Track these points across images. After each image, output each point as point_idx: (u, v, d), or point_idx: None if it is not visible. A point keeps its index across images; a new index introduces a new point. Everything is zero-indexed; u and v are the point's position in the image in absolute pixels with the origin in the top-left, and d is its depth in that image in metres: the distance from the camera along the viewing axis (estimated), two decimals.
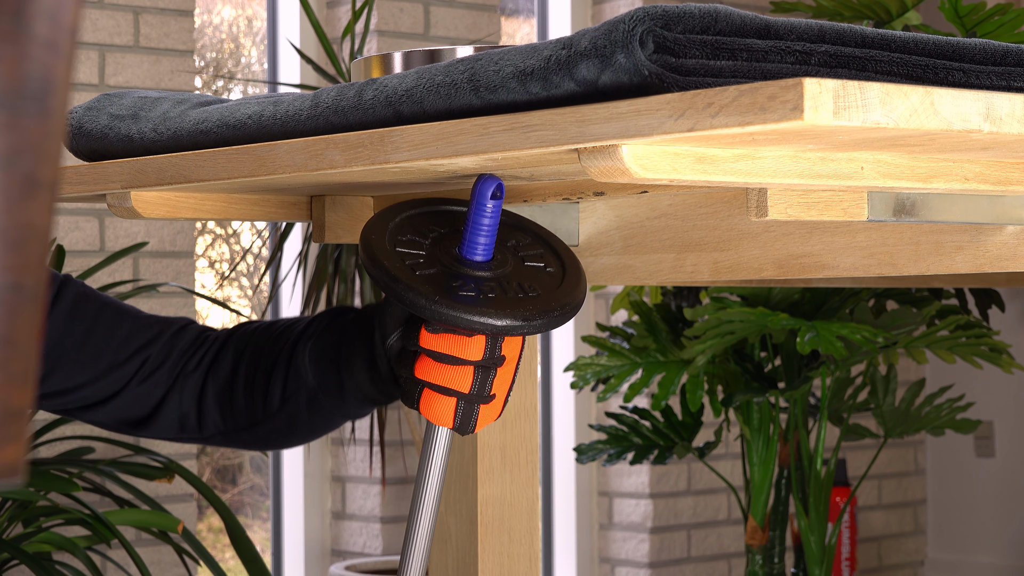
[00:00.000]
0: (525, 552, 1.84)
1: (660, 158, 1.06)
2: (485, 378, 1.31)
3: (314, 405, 1.47)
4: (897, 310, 3.18)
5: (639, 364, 3.23)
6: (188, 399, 1.51)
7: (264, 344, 1.50)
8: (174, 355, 1.51)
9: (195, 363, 1.52)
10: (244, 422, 1.51)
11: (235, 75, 4.34)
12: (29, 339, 0.59)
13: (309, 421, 1.48)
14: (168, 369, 1.51)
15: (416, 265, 1.31)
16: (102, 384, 1.50)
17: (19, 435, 0.59)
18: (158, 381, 1.51)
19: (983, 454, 4.96)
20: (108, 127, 1.55)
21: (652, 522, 4.47)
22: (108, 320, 1.50)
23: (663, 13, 1.06)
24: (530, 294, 1.31)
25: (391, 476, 4.09)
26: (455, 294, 1.28)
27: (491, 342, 1.31)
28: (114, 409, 1.51)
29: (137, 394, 1.51)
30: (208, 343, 1.53)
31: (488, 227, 1.30)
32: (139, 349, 1.51)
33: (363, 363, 1.41)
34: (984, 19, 3.14)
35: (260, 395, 1.49)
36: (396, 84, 1.27)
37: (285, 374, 1.47)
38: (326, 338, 1.45)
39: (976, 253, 1.32)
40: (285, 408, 1.48)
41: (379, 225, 1.34)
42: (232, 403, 1.50)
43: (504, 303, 1.28)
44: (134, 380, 1.51)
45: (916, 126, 0.96)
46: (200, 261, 4.27)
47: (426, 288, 1.27)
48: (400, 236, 1.34)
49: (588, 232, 1.61)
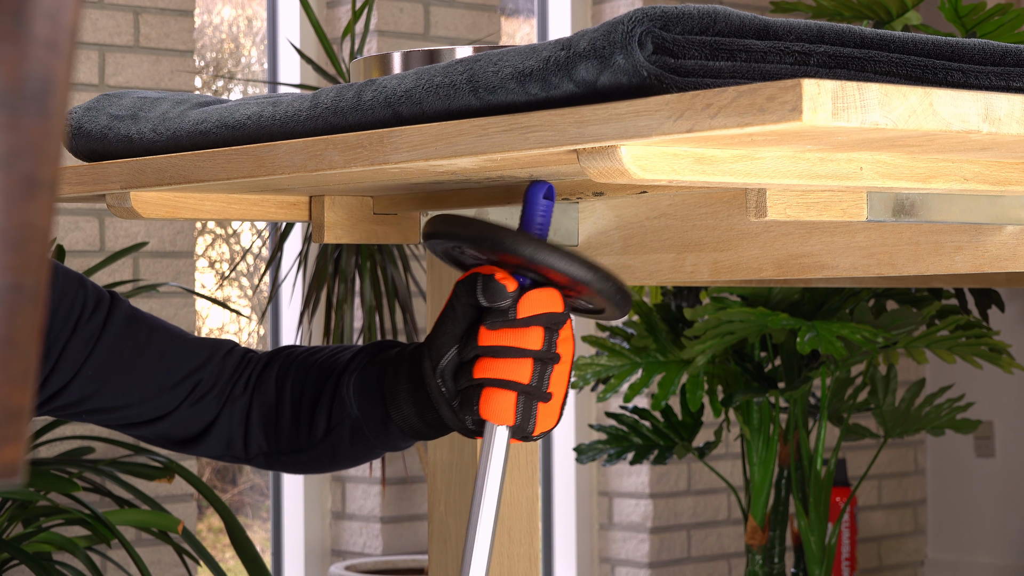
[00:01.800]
0: (525, 552, 1.84)
1: (659, 159, 1.06)
2: (543, 371, 1.32)
3: (358, 436, 1.47)
4: (897, 310, 3.18)
5: (639, 364, 3.23)
6: (236, 422, 1.52)
7: (308, 372, 1.50)
8: (223, 379, 1.52)
9: (242, 386, 1.52)
10: (287, 447, 1.51)
11: (235, 75, 4.35)
12: (29, 339, 0.59)
13: (351, 451, 1.49)
14: (218, 393, 1.51)
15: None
16: (152, 405, 1.50)
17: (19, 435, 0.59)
18: (208, 404, 1.51)
19: (983, 454, 4.96)
20: (108, 127, 1.55)
21: (652, 522, 4.47)
22: (159, 342, 1.50)
23: (662, 14, 1.06)
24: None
25: (391, 476, 4.09)
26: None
27: (548, 334, 1.32)
28: (162, 429, 1.52)
29: (187, 416, 1.51)
30: (252, 365, 1.53)
31: (540, 226, 1.31)
32: (191, 372, 1.51)
33: (408, 396, 1.41)
34: (984, 19, 3.15)
35: (305, 423, 1.49)
36: (395, 85, 1.27)
37: (330, 405, 1.47)
38: (370, 371, 1.45)
39: (976, 253, 1.32)
40: (329, 438, 1.48)
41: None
42: (277, 428, 1.51)
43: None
44: (185, 403, 1.51)
45: (915, 127, 0.96)
46: (200, 261, 4.27)
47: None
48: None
49: (588, 232, 1.61)
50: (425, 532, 4.17)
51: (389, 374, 1.43)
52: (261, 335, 4.35)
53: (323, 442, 1.49)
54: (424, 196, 1.61)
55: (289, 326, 4.15)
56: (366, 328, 3.65)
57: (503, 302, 1.31)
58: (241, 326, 4.40)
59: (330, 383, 1.47)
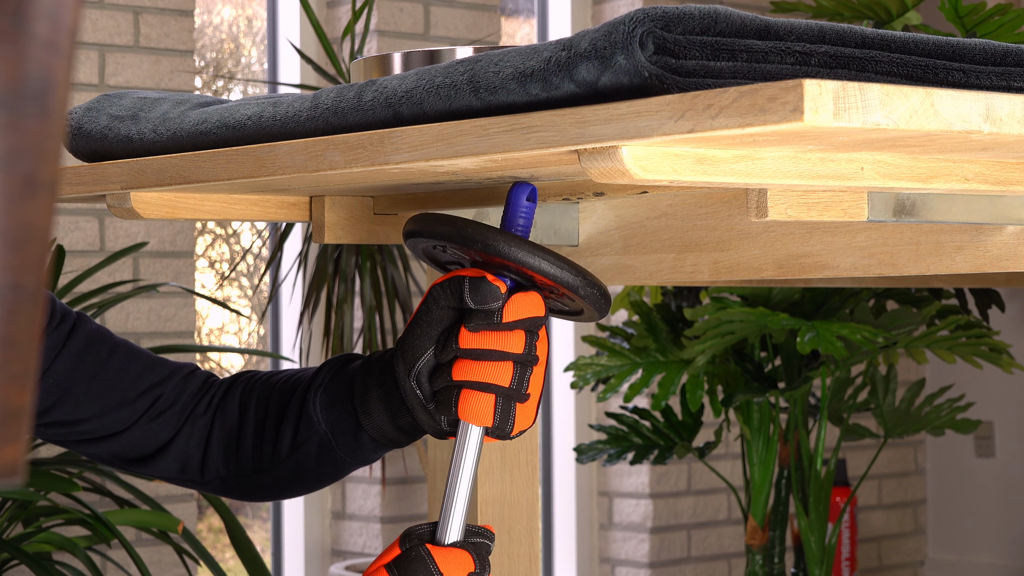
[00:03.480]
0: (525, 552, 1.84)
1: (660, 159, 1.06)
2: (523, 374, 1.31)
3: (325, 453, 1.46)
4: (897, 310, 3.18)
5: (639, 364, 3.23)
6: (195, 443, 1.51)
7: (272, 391, 1.49)
8: (184, 397, 1.51)
9: (204, 406, 1.51)
10: (248, 469, 1.50)
11: (235, 75, 4.34)
12: (29, 339, 0.59)
13: (317, 470, 1.47)
14: (179, 411, 1.50)
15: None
16: (111, 419, 1.49)
17: (19, 435, 0.59)
18: (167, 421, 1.50)
19: (983, 454, 4.96)
20: (108, 128, 1.55)
21: (652, 522, 4.47)
22: (121, 357, 1.50)
23: (663, 14, 1.06)
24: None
25: (391, 476, 4.09)
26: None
27: (530, 337, 1.31)
28: (117, 445, 1.50)
29: (145, 432, 1.50)
30: (215, 388, 1.52)
31: (522, 228, 1.31)
32: (152, 387, 1.50)
33: (380, 403, 1.40)
34: (984, 19, 3.14)
35: (270, 442, 1.48)
36: (396, 85, 1.27)
37: (296, 422, 1.46)
38: (337, 384, 1.44)
39: (976, 253, 1.32)
40: (294, 456, 1.47)
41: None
42: (239, 450, 1.49)
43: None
44: (144, 418, 1.50)
45: (916, 127, 0.96)
46: (200, 261, 4.27)
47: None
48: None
49: (588, 232, 1.61)
50: None
51: (358, 383, 1.42)
52: (261, 335, 4.35)
53: (288, 460, 1.47)
54: (425, 196, 1.61)
55: (289, 326, 4.14)
56: (366, 328, 3.65)
57: (494, 304, 1.30)
58: (241, 326, 4.40)
59: (295, 400, 1.46)
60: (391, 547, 1.35)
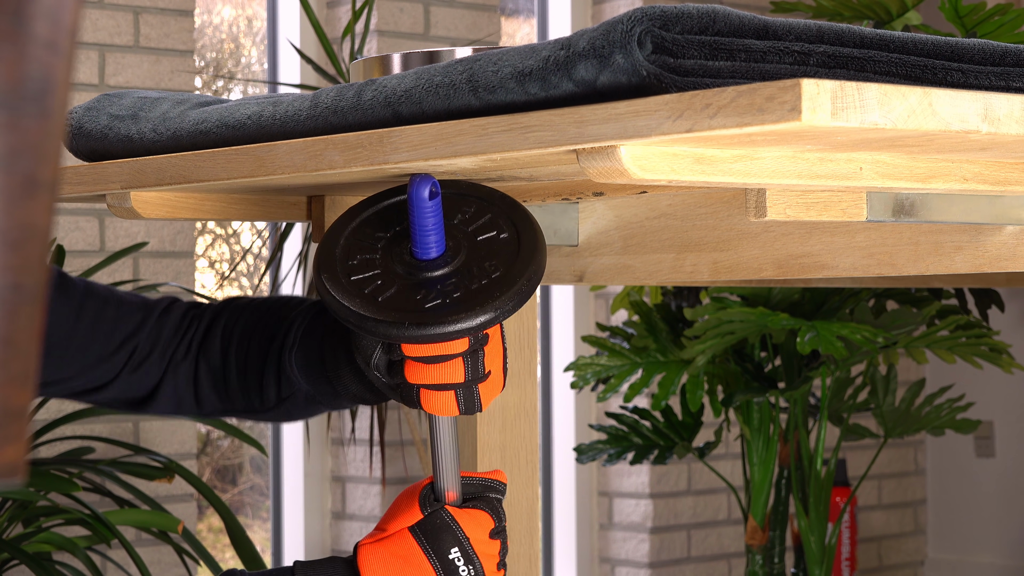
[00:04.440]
0: (525, 552, 1.84)
1: (658, 159, 1.06)
2: (475, 362, 1.32)
3: (311, 403, 1.49)
4: (897, 310, 3.18)
5: (639, 364, 3.23)
6: (183, 385, 1.52)
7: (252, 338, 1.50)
8: (162, 342, 1.52)
9: (184, 350, 1.52)
10: (241, 408, 1.53)
11: (235, 75, 4.35)
12: (29, 339, 0.59)
13: (308, 411, 1.51)
14: (158, 357, 1.52)
15: (376, 290, 1.29)
16: (92, 375, 1.51)
17: (19, 435, 0.59)
18: (149, 370, 1.52)
19: (983, 454, 4.96)
20: (108, 127, 1.56)
21: (652, 522, 4.47)
22: (92, 310, 1.50)
23: (661, 13, 1.06)
24: (493, 276, 1.29)
25: (391, 476, 4.09)
26: (422, 309, 1.27)
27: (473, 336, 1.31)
28: (111, 393, 1.53)
29: (130, 382, 1.52)
30: (194, 325, 1.53)
31: (434, 225, 1.29)
32: (125, 340, 1.51)
33: (352, 377, 1.42)
34: (984, 19, 3.15)
35: (255, 392, 1.50)
36: (395, 85, 1.27)
37: (277, 379, 1.48)
38: (308, 350, 1.45)
39: (975, 253, 1.32)
40: (282, 406, 1.50)
41: (328, 257, 1.33)
42: (228, 392, 1.52)
43: (471, 298, 1.27)
44: (125, 370, 1.51)
45: (914, 127, 0.96)
46: (200, 261, 4.27)
47: (393, 315, 1.27)
48: (351, 260, 1.33)
49: (588, 232, 1.61)
50: None
51: (328, 358, 1.43)
52: None
53: (276, 409, 1.50)
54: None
55: None
56: None
57: None
58: None
59: (272, 358, 1.48)
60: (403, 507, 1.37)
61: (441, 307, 1.27)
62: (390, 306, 1.27)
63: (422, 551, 1.34)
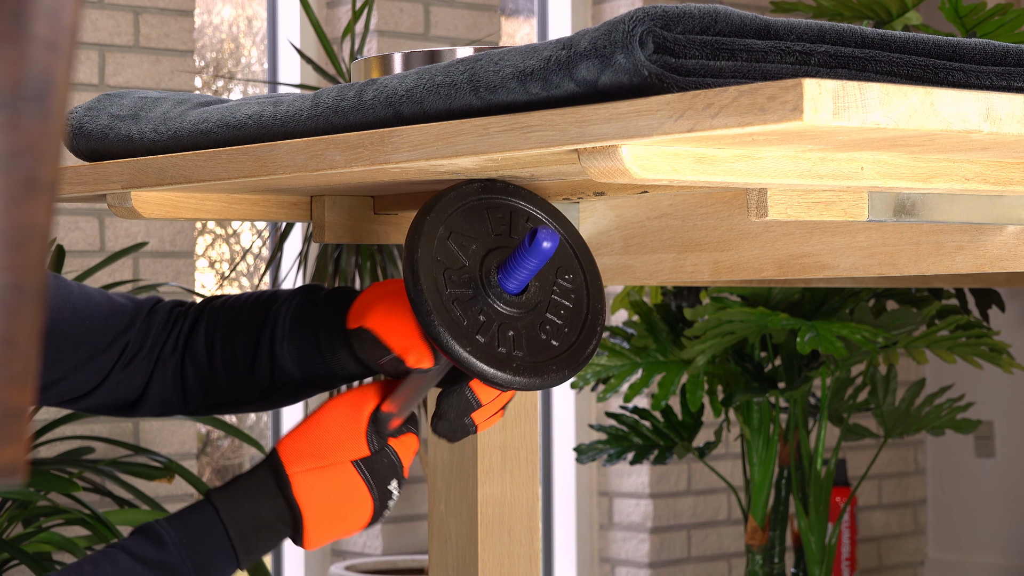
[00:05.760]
0: (525, 552, 1.84)
1: (660, 158, 1.06)
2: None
3: (301, 390, 1.50)
4: (897, 310, 3.18)
5: (639, 364, 3.23)
6: (171, 383, 1.52)
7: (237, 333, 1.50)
8: (151, 339, 1.52)
9: (171, 347, 1.52)
10: (227, 403, 1.53)
11: (235, 75, 4.34)
12: (29, 339, 0.59)
13: (296, 398, 1.51)
14: (146, 354, 1.52)
15: (451, 282, 1.30)
16: (84, 375, 1.50)
17: (19, 435, 0.59)
18: (138, 367, 1.52)
19: (983, 454, 4.96)
20: (108, 127, 1.55)
21: (652, 522, 4.47)
22: (82, 309, 1.50)
23: (663, 13, 1.06)
24: (565, 331, 1.32)
25: None
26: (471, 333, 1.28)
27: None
28: (102, 396, 1.52)
29: (120, 381, 1.51)
30: (180, 323, 1.53)
31: (533, 269, 1.30)
32: (116, 337, 1.51)
33: (349, 356, 1.43)
34: (984, 19, 3.14)
35: (244, 385, 1.50)
36: (396, 84, 1.27)
37: (271, 370, 1.48)
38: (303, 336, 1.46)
39: (976, 253, 1.32)
40: (271, 398, 1.50)
41: (440, 211, 1.32)
42: (214, 385, 1.52)
43: (542, 363, 1.30)
44: (116, 367, 1.51)
45: (916, 126, 0.96)
46: (200, 261, 4.27)
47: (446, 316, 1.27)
48: (457, 230, 1.32)
49: (588, 232, 1.61)
50: (425, 532, 4.17)
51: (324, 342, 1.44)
52: None
53: (264, 400, 1.51)
54: (425, 196, 1.61)
55: None
56: None
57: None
58: None
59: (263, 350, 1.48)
60: (345, 435, 1.35)
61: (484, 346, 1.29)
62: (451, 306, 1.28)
63: (366, 486, 1.34)
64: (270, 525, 1.33)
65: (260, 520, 1.32)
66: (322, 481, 1.34)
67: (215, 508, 1.32)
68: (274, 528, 1.33)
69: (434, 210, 1.31)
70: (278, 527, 1.33)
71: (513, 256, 1.30)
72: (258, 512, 1.32)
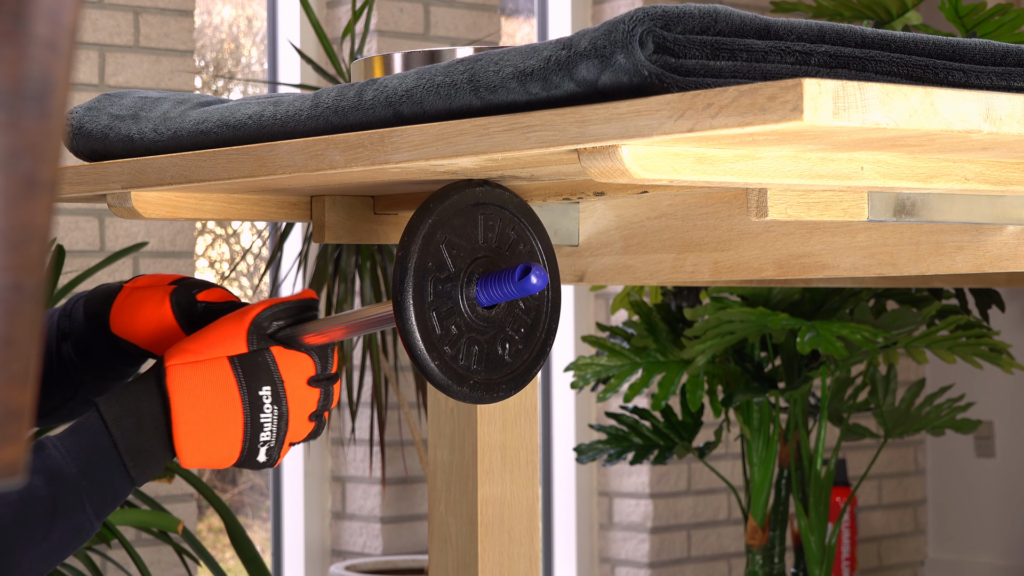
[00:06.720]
0: (525, 552, 1.84)
1: (660, 158, 1.06)
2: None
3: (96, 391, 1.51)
4: (897, 310, 3.18)
5: (639, 364, 3.23)
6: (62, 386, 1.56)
7: None
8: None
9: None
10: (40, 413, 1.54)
11: (235, 75, 4.35)
12: (29, 339, 0.59)
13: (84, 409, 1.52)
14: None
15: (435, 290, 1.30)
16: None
17: (19, 435, 0.59)
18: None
19: (983, 454, 4.96)
20: (108, 127, 1.55)
21: (652, 522, 4.47)
22: None
23: (663, 13, 1.06)
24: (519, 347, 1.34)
25: (391, 476, 4.09)
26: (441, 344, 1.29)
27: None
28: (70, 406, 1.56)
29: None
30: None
31: (512, 296, 1.31)
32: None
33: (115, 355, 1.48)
34: (984, 19, 3.15)
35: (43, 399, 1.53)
36: (396, 84, 1.27)
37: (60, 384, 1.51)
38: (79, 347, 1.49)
39: (976, 253, 1.32)
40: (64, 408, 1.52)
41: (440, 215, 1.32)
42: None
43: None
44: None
45: (916, 126, 0.96)
46: (200, 261, 4.27)
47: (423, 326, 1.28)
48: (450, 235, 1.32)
49: (588, 232, 1.61)
50: (425, 532, 4.17)
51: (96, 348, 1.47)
52: None
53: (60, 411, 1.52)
54: (425, 196, 1.61)
55: None
56: None
57: None
58: None
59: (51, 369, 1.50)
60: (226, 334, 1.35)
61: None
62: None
63: (236, 383, 1.32)
64: (151, 418, 1.32)
65: (140, 414, 1.31)
66: (195, 373, 1.33)
67: (96, 406, 1.32)
68: (156, 422, 1.32)
69: (435, 213, 1.31)
70: (158, 421, 1.32)
71: (497, 278, 1.30)
72: (138, 407, 1.31)
